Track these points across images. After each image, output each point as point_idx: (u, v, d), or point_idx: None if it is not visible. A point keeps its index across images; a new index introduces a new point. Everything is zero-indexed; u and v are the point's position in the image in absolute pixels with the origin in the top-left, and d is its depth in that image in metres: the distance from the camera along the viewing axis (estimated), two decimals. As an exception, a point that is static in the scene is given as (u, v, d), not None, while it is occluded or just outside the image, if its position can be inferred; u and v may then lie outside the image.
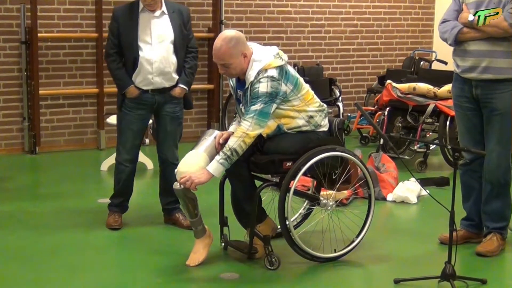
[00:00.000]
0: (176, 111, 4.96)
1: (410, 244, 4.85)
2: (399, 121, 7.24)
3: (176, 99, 4.92)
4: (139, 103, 4.89)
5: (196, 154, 4.23)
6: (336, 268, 4.34)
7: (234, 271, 4.22)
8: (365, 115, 4.22)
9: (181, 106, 4.99)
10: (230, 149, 4.05)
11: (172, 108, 4.93)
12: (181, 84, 4.90)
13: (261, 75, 4.08)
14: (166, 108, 4.92)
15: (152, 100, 4.89)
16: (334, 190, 4.43)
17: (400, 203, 5.87)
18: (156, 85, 4.84)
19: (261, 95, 4.07)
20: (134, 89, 4.85)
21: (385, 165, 6.34)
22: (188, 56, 4.94)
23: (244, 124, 4.08)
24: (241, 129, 4.08)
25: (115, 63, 4.86)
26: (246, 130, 4.06)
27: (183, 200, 4.25)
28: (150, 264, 4.34)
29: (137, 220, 5.18)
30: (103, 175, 6.70)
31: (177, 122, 4.98)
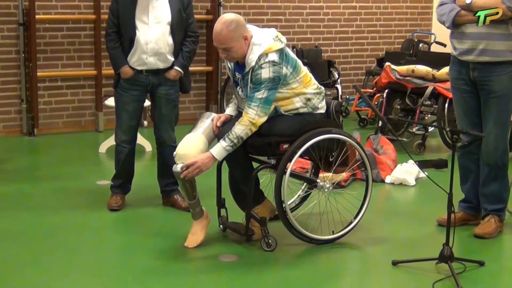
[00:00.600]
0: (171, 93, 4.95)
1: (408, 226, 4.86)
2: (398, 103, 7.24)
3: (171, 81, 4.92)
4: (133, 84, 4.89)
5: (194, 136, 4.23)
6: (333, 250, 4.36)
7: (232, 253, 4.23)
8: (363, 97, 4.21)
9: (176, 88, 4.98)
10: (237, 137, 4.07)
11: (166, 90, 4.93)
12: (177, 67, 4.89)
13: (262, 60, 4.07)
14: (160, 90, 4.92)
15: (147, 81, 4.89)
16: (331, 172, 4.43)
17: (398, 185, 5.88)
18: (150, 65, 4.84)
19: (264, 81, 4.06)
20: (128, 69, 4.84)
21: (383, 147, 6.35)
22: (188, 40, 4.93)
23: (250, 113, 4.08)
24: (247, 117, 4.08)
25: (113, 42, 4.87)
26: (252, 118, 4.07)
27: (181, 182, 4.26)
28: (148, 246, 4.35)
29: (136, 202, 5.19)
30: (102, 157, 6.70)
31: (172, 104, 4.98)
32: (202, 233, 4.33)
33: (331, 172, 4.43)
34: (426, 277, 3.91)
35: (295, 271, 4.02)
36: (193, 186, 4.29)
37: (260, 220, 4.27)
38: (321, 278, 3.97)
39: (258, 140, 4.22)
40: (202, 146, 4.17)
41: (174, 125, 5.05)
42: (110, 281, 3.86)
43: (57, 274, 3.91)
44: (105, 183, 5.59)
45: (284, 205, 4.25)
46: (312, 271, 4.04)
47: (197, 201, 4.33)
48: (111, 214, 4.96)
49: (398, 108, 7.22)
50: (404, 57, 8.10)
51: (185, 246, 4.28)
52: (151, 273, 3.95)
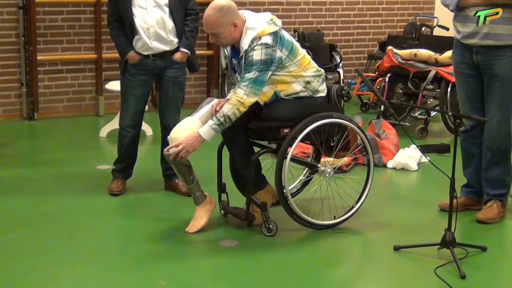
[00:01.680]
0: (179, 75, 4.94)
1: (410, 211, 4.86)
2: (400, 88, 7.22)
3: (178, 63, 4.90)
4: (140, 69, 4.87)
5: (190, 120, 4.22)
6: (335, 235, 4.36)
7: (233, 238, 4.23)
8: (365, 81, 4.20)
9: (183, 71, 4.97)
10: (224, 115, 4.05)
11: (174, 72, 4.91)
12: (182, 48, 4.87)
13: (255, 42, 4.06)
14: (168, 72, 4.90)
15: (154, 65, 4.87)
16: (332, 157, 4.42)
17: (400, 170, 5.87)
18: (155, 50, 4.82)
19: (255, 63, 4.05)
20: (134, 55, 4.83)
21: (385, 132, 6.33)
22: (188, 18, 4.91)
23: (239, 92, 4.07)
24: (236, 97, 4.07)
25: (115, 30, 4.86)
26: (240, 98, 4.06)
27: (176, 167, 4.25)
28: (149, 231, 4.35)
29: (137, 187, 5.18)
30: (102, 141, 6.69)
31: (179, 87, 4.97)
32: (204, 218, 4.32)
33: (332, 157, 4.42)
34: (428, 263, 3.92)
35: (296, 256, 4.02)
36: (189, 170, 4.27)
37: (261, 205, 4.27)
38: (322, 263, 3.98)
39: (259, 124, 4.21)
40: (196, 130, 4.16)
41: (180, 108, 5.03)
42: (111, 265, 3.86)
43: (58, 259, 3.92)
44: (105, 167, 5.58)
45: (285, 190, 4.24)
46: (313, 256, 4.04)
47: (195, 185, 4.32)
48: (112, 198, 4.96)
49: (400, 92, 7.20)
50: (406, 41, 8.06)
51: (186, 231, 4.28)
52: (152, 258, 3.95)
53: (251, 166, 4.22)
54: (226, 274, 3.81)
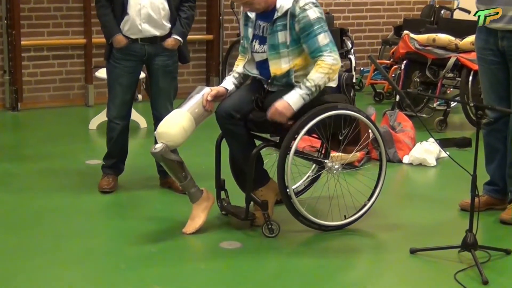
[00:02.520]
0: (169, 64, 4.94)
1: (428, 211, 4.86)
2: (417, 76, 7.22)
3: (169, 51, 4.90)
4: (127, 54, 4.88)
5: (178, 113, 4.23)
6: (345, 236, 4.37)
7: (234, 239, 4.24)
8: (379, 69, 4.20)
9: (174, 59, 4.97)
10: (316, 85, 4.11)
11: (164, 61, 4.91)
12: (175, 35, 4.88)
13: (300, 2, 4.12)
14: (157, 60, 4.90)
15: (142, 51, 4.87)
16: (339, 151, 4.43)
17: (417, 166, 5.88)
18: (145, 33, 4.82)
19: (315, 22, 4.11)
20: (122, 38, 4.83)
21: (401, 124, 6.34)
22: (185, 5, 4.91)
23: (328, 59, 4.12)
24: (326, 64, 4.11)
25: (103, 9, 4.86)
26: (331, 64, 4.12)
27: (165, 164, 4.26)
28: (143, 232, 4.36)
29: (130, 184, 5.20)
30: (92, 134, 6.70)
31: (170, 76, 4.97)
32: (202, 217, 4.33)
33: (340, 151, 4.43)
34: (447, 267, 3.92)
35: (303, 260, 4.03)
36: (180, 166, 4.28)
37: (261, 203, 4.27)
38: (330, 267, 3.98)
39: (261, 115, 4.22)
40: (186, 123, 4.17)
41: (173, 99, 5.04)
42: (102, 269, 3.87)
43: (44, 261, 3.93)
44: (95, 162, 5.60)
45: (288, 190, 4.25)
46: (321, 260, 4.04)
47: (189, 181, 4.33)
48: (103, 196, 4.97)
49: (418, 81, 7.20)
50: (424, 24, 8.06)
51: (183, 232, 4.29)
52: (146, 261, 3.96)
53: (252, 161, 4.23)
54: (226, 278, 3.82)
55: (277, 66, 4.21)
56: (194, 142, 6.00)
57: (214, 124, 4.35)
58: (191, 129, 4.23)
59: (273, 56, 4.21)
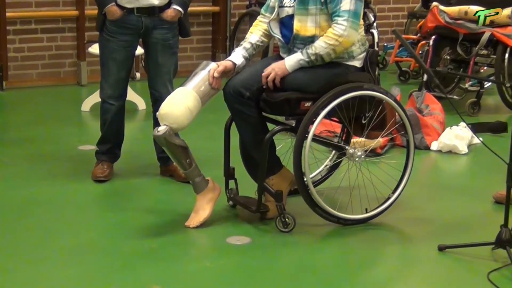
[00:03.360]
0: (168, 38, 4.93)
1: (458, 203, 4.86)
2: (447, 53, 7.20)
3: (168, 23, 4.90)
4: (122, 27, 4.87)
5: (182, 92, 4.22)
6: (366, 231, 4.37)
7: (243, 234, 4.24)
8: (405, 44, 4.18)
9: (175, 32, 4.97)
10: (316, 54, 4.12)
11: (163, 34, 4.91)
12: (175, 5, 4.87)
13: None
14: (155, 34, 4.90)
15: (138, 24, 4.87)
16: (363, 137, 4.42)
17: (447, 153, 5.87)
18: (143, 3, 4.82)
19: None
20: (116, 9, 4.83)
21: (429, 106, 6.32)
22: (187, -29, 4.92)
23: (338, 29, 4.11)
24: (334, 34, 4.11)
25: None
26: (339, 36, 4.11)
27: (168, 149, 4.25)
28: (141, 225, 4.37)
29: (127, 172, 5.20)
30: (85, 116, 6.71)
31: (170, 52, 4.97)
32: (207, 209, 4.33)
33: (363, 137, 4.42)
34: (479, 266, 3.92)
35: (319, 258, 4.03)
36: (185, 152, 4.28)
37: (275, 194, 4.27)
38: (350, 266, 3.99)
39: (275, 95, 4.20)
40: (191, 103, 4.16)
41: (173, 77, 5.04)
42: (96, 267, 3.88)
43: (32, 258, 3.93)
44: (89, 148, 5.60)
45: (305, 178, 4.24)
46: (339, 258, 4.05)
47: (194, 169, 4.32)
48: (97, 186, 4.98)
49: (448, 58, 7.18)
50: (455, -5, 8.03)
51: (186, 226, 4.30)
52: (145, 258, 3.96)
53: (264, 147, 4.22)
54: (234, 278, 3.83)
55: (302, 24, 4.20)
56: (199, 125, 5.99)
57: (223, 105, 4.34)
58: (197, 109, 4.22)
59: (300, 12, 4.20)
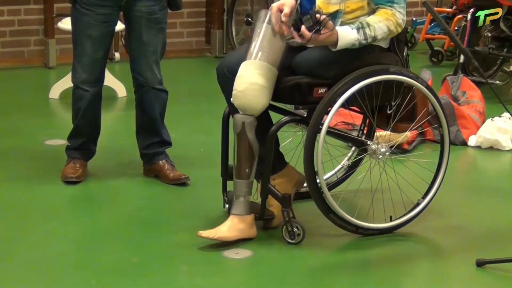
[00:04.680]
0: (155, 11, 4.94)
1: (501, 210, 4.87)
2: (488, 29, 7.18)
3: (154, -6, 4.92)
4: (100, -3, 4.89)
5: (248, 69, 4.15)
6: (391, 244, 4.37)
7: (243, 246, 4.24)
8: (438, 19, 4.18)
9: (162, 4, 4.97)
10: (374, 37, 4.15)
11: (148, 6, 4.91)
12: (163, -29, 4.89)
13: None
14: (139, 6, 4.90)
15: (119, -6, 4.88)
16: (388, 130, 4.42)
17: (487, 149, 5.87)
18: (123, -32, 4.84)
19: None
20: (91, -24, 4.85)
21: (466, 93, 6.32)
22: None
23: (399, 16, 4.19)
24: (396, 20, 4.17)
25: None
26: (399, 24, 4.20)
27: (238, 140, 4.19)
28: (121, 234, 4.39)
29: (103, 171, 5.21)
30: (54, 105, 6.72)
31: (157, 27, 4.97)
32: (229, 235, 4.22)
33: (389, 130, 4.42)
34: (526, 285, 3.92)
35: (334, 276, 4.03)
36: (251, 158, 4.22)
37: (282, 197, 4.27)
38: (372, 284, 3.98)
39: (283, 80, 4.20)
40: (263, 79, 4.12)
41: (160, 58, 5.05)
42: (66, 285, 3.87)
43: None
44: (58, 143, 5.61)
45: (318, 179, 4.24)
46: (357, 277, 4.05)
47: (247, 185, 4.26)
48: (68, 188, 4.99)
49: (489, 36, 7.17)
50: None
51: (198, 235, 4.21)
52: (124, 275, 3.97)
53: (269, 142, 4.22)
54: (232, 298, 3.84)
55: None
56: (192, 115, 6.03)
57: (218, 91, 4.33)
58: (273, 80, 4.18)
59: None
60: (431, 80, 6.14)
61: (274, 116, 4.37)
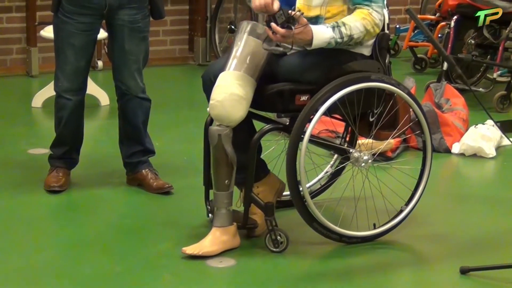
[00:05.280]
0: (137, 19, 4.94)
1: (485, 217, 4.88)
2: (472, 37, 7.20)
3: (137, 2, 4.90)
4: (81, 6, 4.87)
5: (226, 79, 4.15)
6: (375, 251, 4.38)
7: (227, 255, 4.24)
8: (421, 26, 4.20)
9: (145, 13, 4.97)
10: (350, 36, 4.15)
11: (130, 15, 4.91)
12: (145, -20, 4.90)
13: None
14: (121, 15, 4.90)
15: (101, 2, 4.86)
16: (370, 137, 4.44)
17: (471, 157, 5.88)
18: (106, -23, 4.84)
19: None
20: (73, -15, 4.84)
21: (450, 101, 6.33)
22: None
23: (376, 16, 4.21)
24: (372, 20, 4.19)
25: None
26: (377, 24, 4.22)
27: (215, 152, 4.19)
28: (104, 244, 4.38)
29: (87, 180, 5.20)
30: (36, 114, 6.70)
31: (139, 36, 4.97)
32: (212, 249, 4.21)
33: (371, 137, 4.43)
34: (509, 292, 3.93)
35: (318, 284, 4.03)
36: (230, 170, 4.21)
37: (265, 206, 4.27)
38: (356, 292, 3.99)
39: (264, 87, 4.21)
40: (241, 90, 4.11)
41: (143, 67, 5.04)
42: (48, 295, 3.88)
43: (-29, 285, 3.93)
44: (41, 151, 5.60)
45: (301, 188, 4.25)
46: (341, 284, 4.05)
47: (227, 196, 4.25)
48: (50, 197, 4.97)
49: (472, 43, 7.18)
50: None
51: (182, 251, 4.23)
52: (107, 283, 3.96)
53: (252, 150, 4.23)
54: (215, 307, 3.84)
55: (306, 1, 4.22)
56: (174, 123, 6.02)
57: (203, 99, 4.33)
58: (252, 90, 4.17)
59: None
60: (415, 88, 6.15)
61: (256, 124, 4.38)
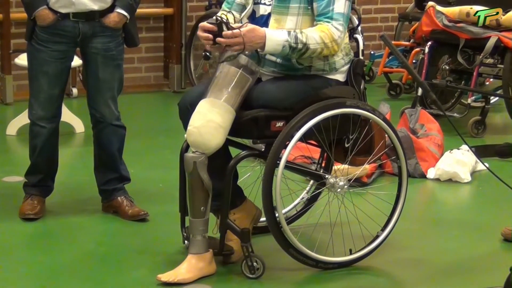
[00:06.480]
0: (111, 48, 4.95)
1: (460, 242, 4.89)
2: (446, 62, 7.24)
3: (111, 30, 4.91)
4: (55, 34, 4.87)
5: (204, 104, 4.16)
6: (350, 277, 4.38)
7: (203, 281, 4.23)
8: (395, 52, 4.22)
9: (118, 41, 4.98)
10: (305, 44, 4.14)
11: (104, 43, 4.92)
12: (119, 9, 4.89)
13: None
14: (95, 43, 4.91)
15: (75, 30, 4.87)
16: (346, 163, 4.45)
17: (446, 181, 5.90)
18: (80, 6, 4.82)
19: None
20: (48, 12, 4.83)
21: (424, 126, 6.36)
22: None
23: (335, 32, 4.20)
24: (332, 35, 4.18)
25: None
26: (335, 39, 4.20)
27: (190, 179, 4.20)
28: (80, 272, 4.36)
29: (62, 208, 5.18)
30: (10, 141, 6.68)
31: (113, 64, 4.97)
32: (189, 276, 4.21)
33: (347, 163, 4.45)
34: (486, 317, 3.95)
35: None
36: (206, 197, 4.21)
37: (242, 233, 4.28)
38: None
39: (241, 114, 4.22)
40: (219, 118, 4.13)
41: (118, 94, 5.05)
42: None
43: None
44: (15, 179, 5.58)
45: (277, 214, 4.26)
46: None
47: (203, 223, 4.25)
48: (25, 225, 4.95)
49: (446, 69, 7.23)
50: (454, -7, 8.11)
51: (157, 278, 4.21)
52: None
53: (228, 177, 4.23)
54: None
55: (279, 24, 4.23)
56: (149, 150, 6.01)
57: (178, 125, 4.33)
58: (230, 119, 4.18)
59: (280, 10, 4.25)
60: (390, 113, 6.19)
61: (232, 150, 4.39)
